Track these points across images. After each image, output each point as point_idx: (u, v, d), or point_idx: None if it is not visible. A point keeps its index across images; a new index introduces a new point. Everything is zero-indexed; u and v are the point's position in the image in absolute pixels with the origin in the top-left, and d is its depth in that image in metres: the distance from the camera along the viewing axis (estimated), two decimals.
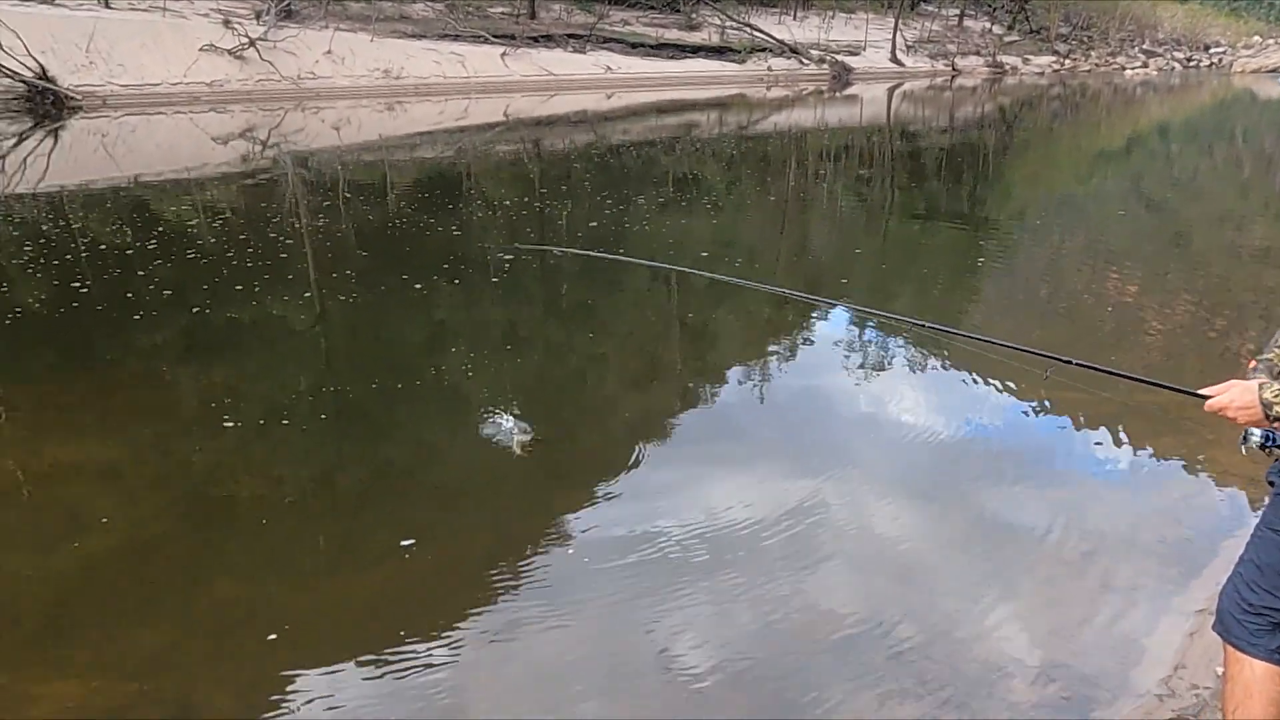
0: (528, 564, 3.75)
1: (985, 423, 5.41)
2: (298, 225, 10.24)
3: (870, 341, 7.14)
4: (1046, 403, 5.62)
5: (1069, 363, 2.12)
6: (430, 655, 3.17)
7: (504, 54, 32.70)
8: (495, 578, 3.66)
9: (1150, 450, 4.88)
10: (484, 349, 6.30)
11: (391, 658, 3.15)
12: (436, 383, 5.57)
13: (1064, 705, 2.90)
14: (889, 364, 6.55)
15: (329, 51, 25.47)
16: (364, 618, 3.45)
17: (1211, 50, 71.15)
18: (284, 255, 8.79)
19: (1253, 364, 2.14)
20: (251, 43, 23.30)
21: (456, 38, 31.57)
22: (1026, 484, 4.55)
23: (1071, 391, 5.81)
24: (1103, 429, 5.19)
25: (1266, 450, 2.01)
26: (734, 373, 6.32)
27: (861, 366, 6.50)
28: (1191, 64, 64.97)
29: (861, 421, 5.45)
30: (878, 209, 13.85)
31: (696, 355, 6.88)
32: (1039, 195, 15.29)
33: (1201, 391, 1.99)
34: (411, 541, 3.84)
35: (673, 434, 5.12)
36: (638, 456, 4.72)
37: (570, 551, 3.83)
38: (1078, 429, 5.27)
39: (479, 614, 3.41)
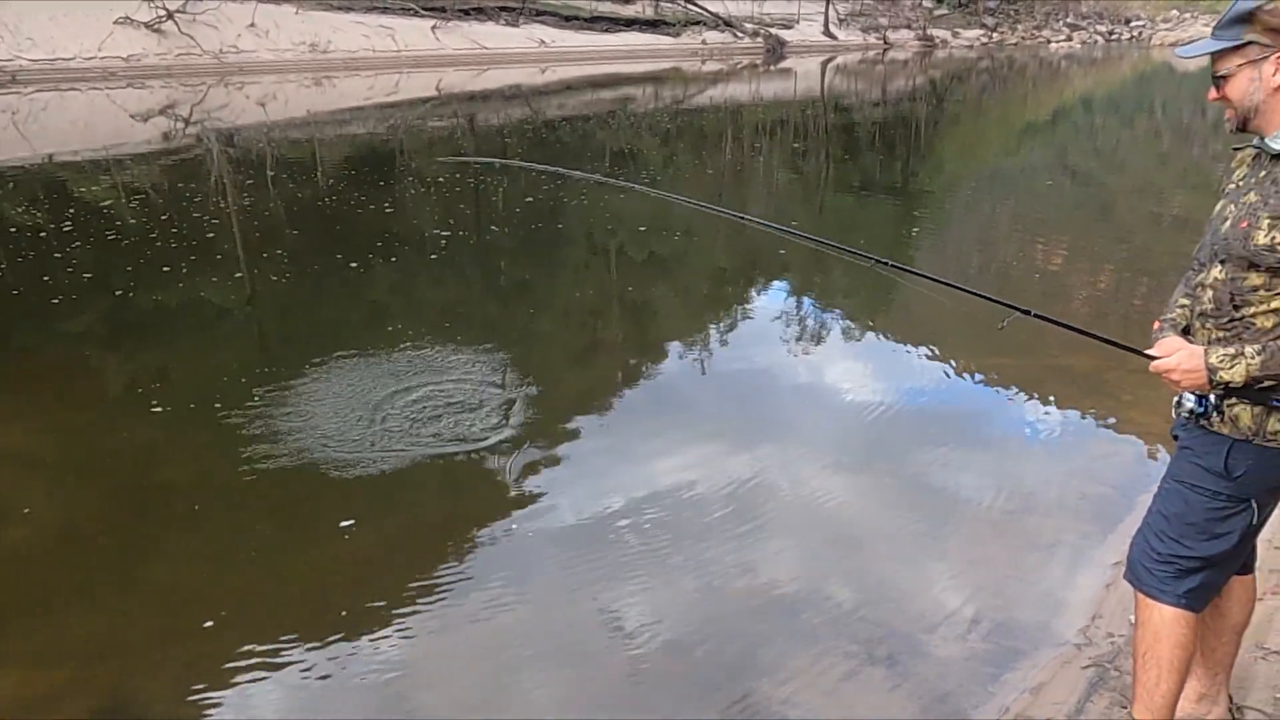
0: (471, 541, 3.72)
1: (919, 389, 5.51)
2: (224, 204, 9.94)
3: (808, 314, 7.22)
4: (977, 369, 5.75)
5: (1027, 313, 2.15)
6: (374, 634, 3.13)
7: (435, 27, 32.08)
8: (438, 556, 3.62)
9: (1073, 412, 5.04)
10: (422, 327, 6.21)
11: (334, 639, 3.10)
12: (372, 362, 5.47)
13: (989, 657, 2.99)
14: (826, 336, 6.63)
15: (252, 25, 24.67)
16: (304, 600, 3.39)
17: (1132, 24, 73.06)
18: (211, 235, 8.53)
19: (1157, 325, 2.21)
20: (169, 15, 22.46)
21: (385, 10, 30.83)
22: (957, 447, 4.66)
23: (999, 357, 5.97)
24: (1029, 392, 5.34)
25: (1197, 418, 2.06)
26: (674, 347, 6.34)
27: (800, 339, 6.56)
28: (1113, 37, 66.66)
29: (800, 391, 5.51)
30: (814, 182, 13.97)
31: (637, 330, 6.88)
32: (970, 167, 15.59)
33: (1149, 352, 2.02)
34: (351, 522, 3.78)
35: (615, 408, 5.12)
36: (580, 431, 4.71)
37: (514, 527, 3.81)
38: (1006, 393, 5.40)
39: (423, 592, 3.37)
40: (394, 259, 8.10)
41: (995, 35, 55.87)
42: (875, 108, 24.02)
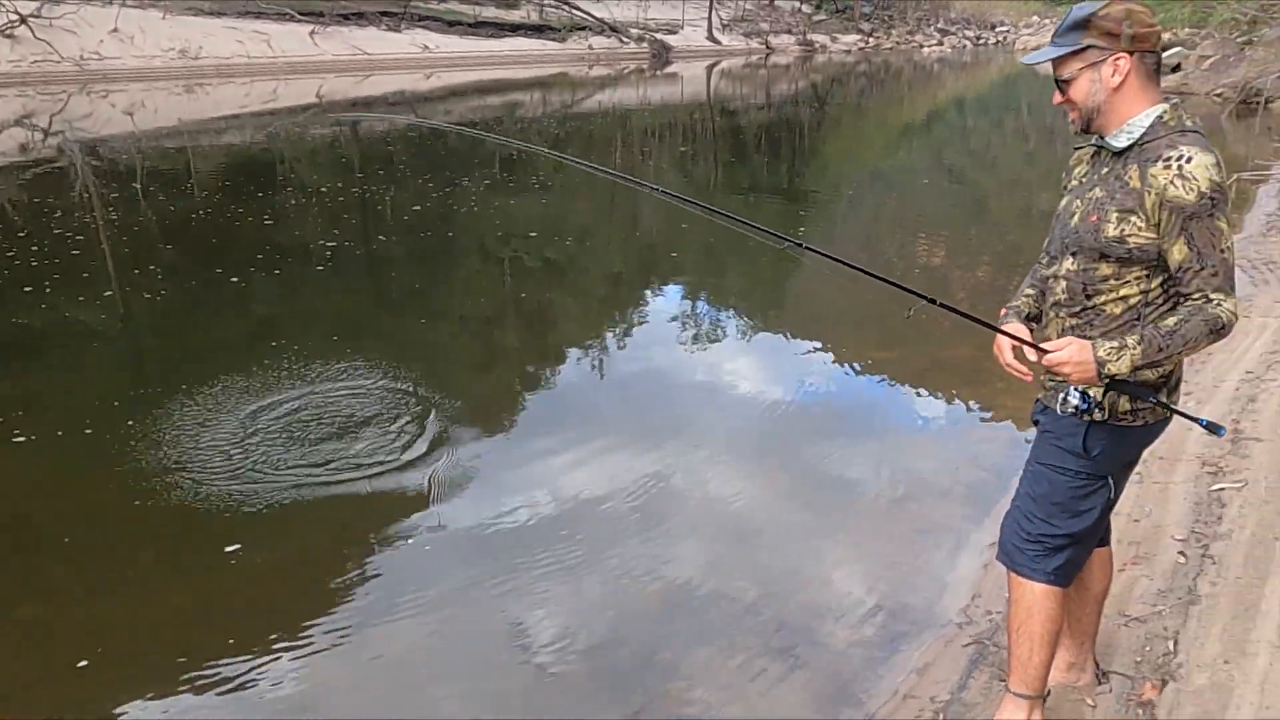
0: (367, 558, 3.61)
1: (812, 384, 5.65)
2: (91, 219, 9.40)
3: (704, 314, 7.30)
4: (864, 362, 5.93)
5: (932, 301, 2.21)
6: (268, 661, 3.00)
7: (313, 32, 31.16)
8: (335, 576, 3.50)
9: (953, 401, 5.25)
10: (310, 342, 6.01)
11: (224, 669, 2.96)
12: (257, 379, 5.26)
13: (879, 641, 3.08)
14: (723, 335, 6.72)
15: (115, 29, 23.43)
16: (189, 631, 3.22)
17: (997, 29, 76.66)
18: (77, 252, 8.05)
19: (1003, 311, 2.31)
20: (23, 19, 21.14)
21: (260, 15, 29.78)
22: (848, 439, 4.80)
23: (885, 350, 6.18)
24: (913, 384, 5.53)
25: (1080, 414, 2.13)
26: (573, 352, 6.32)
27: (697, 339, 6.63)
28: (980, 42, 69.87)
29: (699, 391, 5.56)
30: (703, 185, 14.15)
31: (535, 337, 6.83)
32: (853, 168, 16.08)
33: (1044, 346, 2.08)
34: (236, 547, 3.62)
35: (515, 416, 5.06)
36: (480, 441, 4.64)
37: (414, 541, 3.71)
38: (892, 385, 5.59)
39: (320, 614, 3.25)
40: (277, 272, 7.81)
41: (871, 40, 57.80)
42: (760, 111, 24.53)
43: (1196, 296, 2.00)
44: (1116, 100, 2.02)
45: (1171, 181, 1.92)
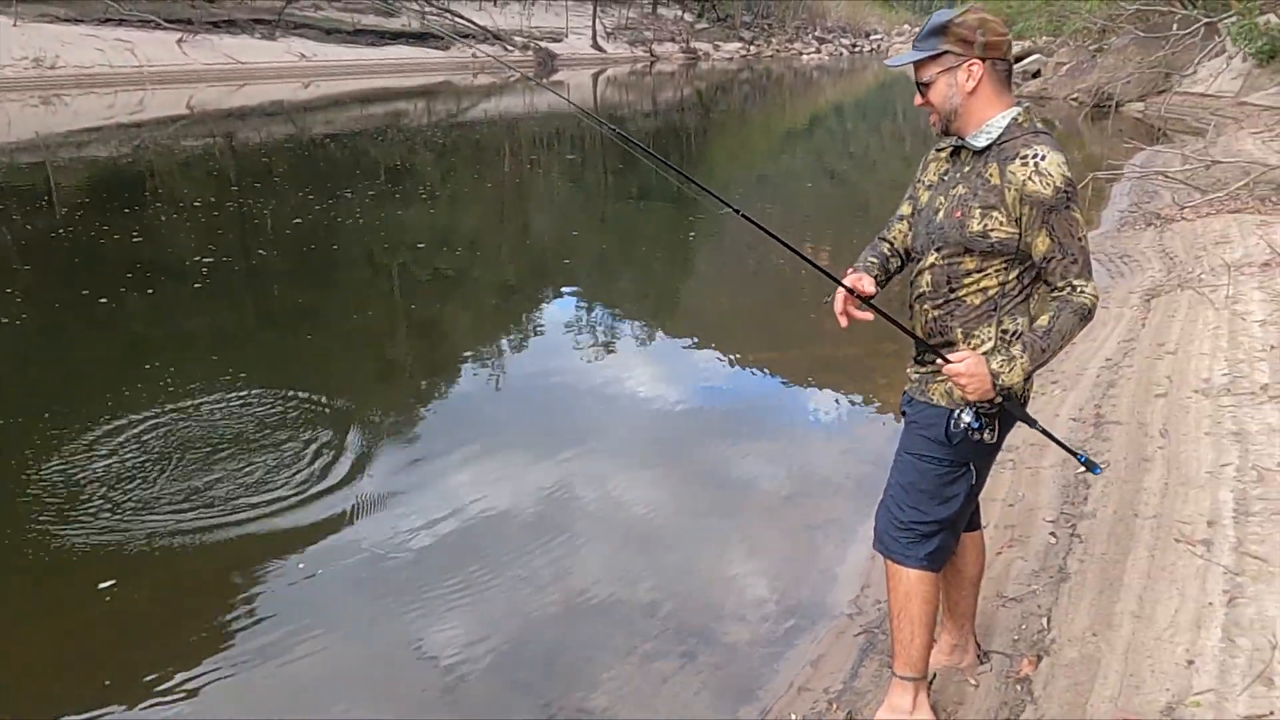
0: (256, 589, 3.48)
1: (704, 387, 5.74)
2: None
3: (598, 321, 7.33)
4: (757, 363, 6.07)
5: (850, 292, 2.26)
6: (148, 702, 2.87)
7: (181, 41, 29.91)
8: (222, 607, 3.37)
9: (840, 398, 5.43)
10: (188, 363, 5.76)
11: (98, 714, 2.81)
12: (133, 405, 5.01)
13: (774, 637, 3.16)
14: (617, 341, 6.76)
15: None
16: (58, 673, 3.04)
17: (871, 37, 79.46)
18: None
19: (849, 271, 2.38)
20: None
21: (122, 22, 28.38)
22: (740, 439, 4.89)
23: (775, 351, 6.33)
24: (803, 382, 5.70)
25: (974, 434, 2.19)
26: (467, 364, 6.24)
27: (593, 345, 6.65)
28: (856, 49, 72.34)
29: (596, 398, 5.58)
30: (593, 192, 14.20)
31: (428, 349, 6.71)
32: (739, 172, 16.41)
33: (950, 356, 2.15)
34: (111, 583, 3.44)
35: (409, 432, 4.96)
36: (374, 459, 4.52)
37: (308, 568, 3.60)
38: (781, 385, 5.74)
39: (206, 647, 3.12)
40: (150, 291, 7.46)
41: (753, 48, 59.12)
42: (648, 118, 24.78)
43: (1062, 285, 2.12)
44: (972, 103, 2.13)
45: (1030, 178, 2.04)
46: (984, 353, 2.17)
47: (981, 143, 2.15)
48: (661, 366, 6.17)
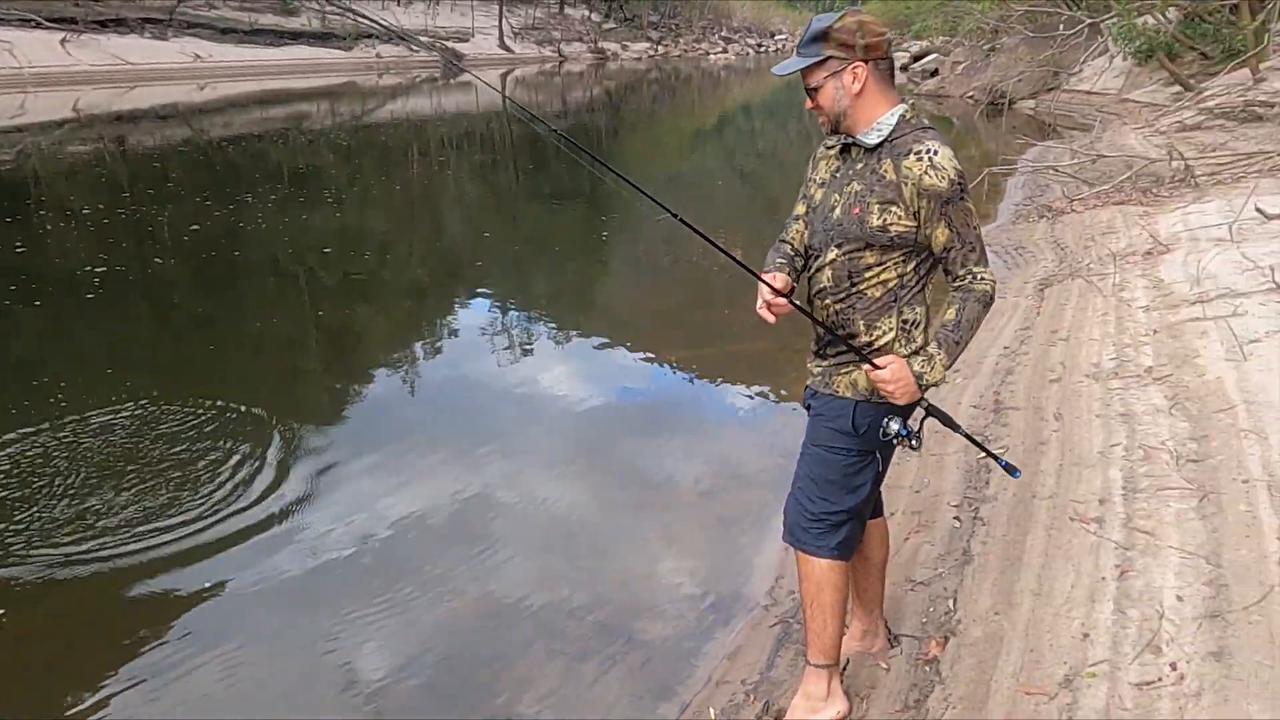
0: (170, 610, 3.34)
1: (621, 385, 5.77)
2: None
3: (513, 323, 7.28)
4: (672, 360, 6.12)
5: (787, 296, 2.28)
6: None
7: (64, 41, 28.57)
8: (127, 631, 3.23)
9: (752, 393, 5.52)
10: (80, 378, 5.51)
11: None
12: (21, 425, 4.76)
13: (693, 632, 3.20)
14: (534, 342, 6.73)
15: None
16: None
17: (776, 37, 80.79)
18: None
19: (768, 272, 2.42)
20: None
21: (1, 22, 26.92)
22: (657, 436, 4.94)
23: (690, 349, 6.39)
24: (716, 378, 5.77)
25: (901, 442, 2.26)
26: (381, 370, 6.12)
27: (509, 347, 6.61)
28: (762, 49, 73.51)
29: (515, 400, 5.54)
30: (504, 193, 14.10)
31: (339, 356, 6.56)
32: (650, 171, 16.47)
33: (877, 361, 2.19)
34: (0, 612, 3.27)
35: (324, 441, 4.82)
36: (289, 471, 4.38)
37: (220, 587, 3.48)
38: (696, 381, 5.80)
39: (109, 674, 2.99)
40: (37, 303, 7.11)
41: (660, 48, 59.49)
42: (558, 119, 24.69)
43: (963, 274, 2.21)
44: (860, 104, 2.18)
45: (926, 172, 2.11)
46: (885, 343, 2.24)
47: (873, 140, 2.20)
48: (577, 366, 6.17)
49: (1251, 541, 2.65)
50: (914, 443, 2.27)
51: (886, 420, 2.27)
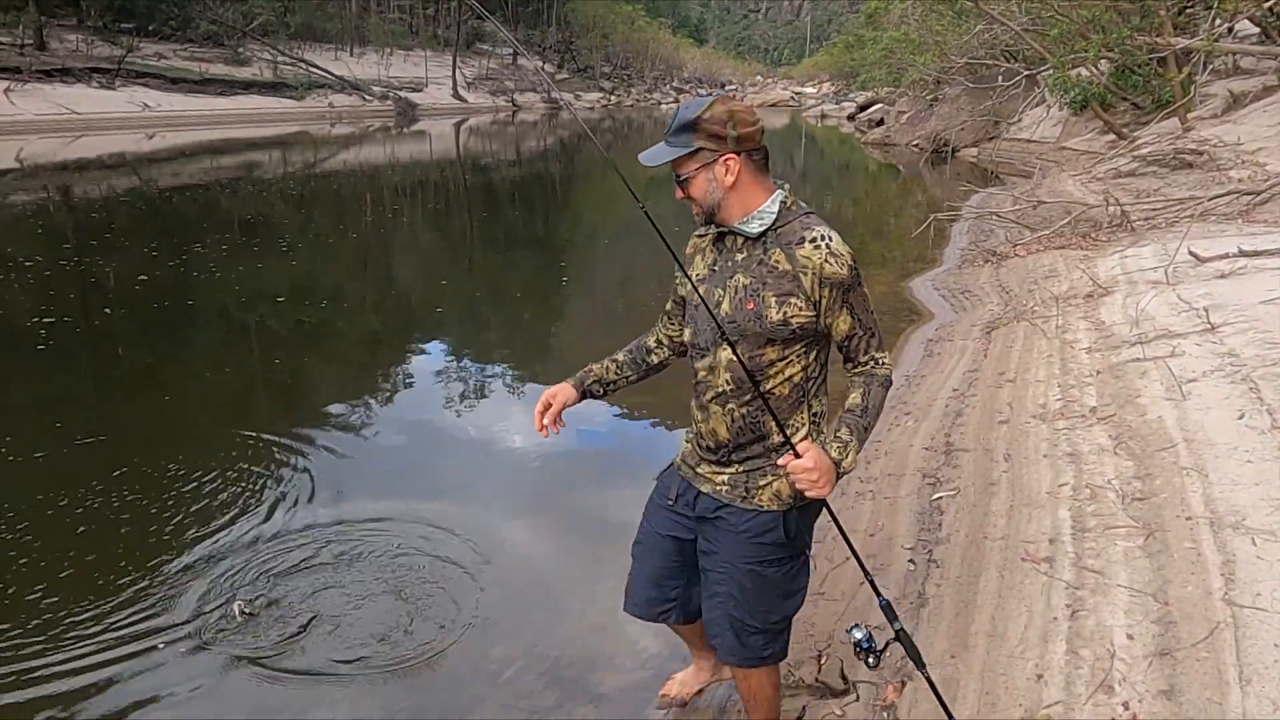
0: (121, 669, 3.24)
1: (580, 430, 5.74)
2: None
3: (471, 370, 7.24)
4: (628, 406, 6.12)
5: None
6: None
7: (8, 90, 28.19)
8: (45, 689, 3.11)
9: None
10: (25, 433, 5.35)
11: None
12: None
13: (647, 684, 3.15)
14: (490, 389, 6.69)
15: None
16: None
17: (726, 87, 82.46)
18: None
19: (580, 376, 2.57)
20: None
21: None
22: (616, 483, 4.92)
23: (646, 394, 6.39)
24: (670, 424, 5.78)
25: (860, 655, 2.15)
26: (334, 419, 6.03)
27: (465, 396, 6.56)
28: None
29: (470, 449, 5.51)
30: (460, 241, 14.10)
31: (289, 405, 6.45)
32: (606, 218, 16.62)
33: (797, 448, 2.05)
34: None
35: (271, 494, 4.73)
36: (231, 514, 4.30)
37: (162, 645, 3.37)
38: (656, 425, 5.81)
39: None
40: None
41: (613, 98, 60.37)
42: (512, 167, 24.87)
43: (865, 360, 2.16)
44: (734, 195, 2.08)
45: (826, 260, 2.04)
46: (801, 439, 2.13)
47: (755, 229, 2.10)
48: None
49: (1197, 578, 2.71)
50: (871, 660, 2.16)
51: (850, 629, 2.18)
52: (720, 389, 2.18)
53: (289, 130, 34.05)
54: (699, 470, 2.31)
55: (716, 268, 2.19)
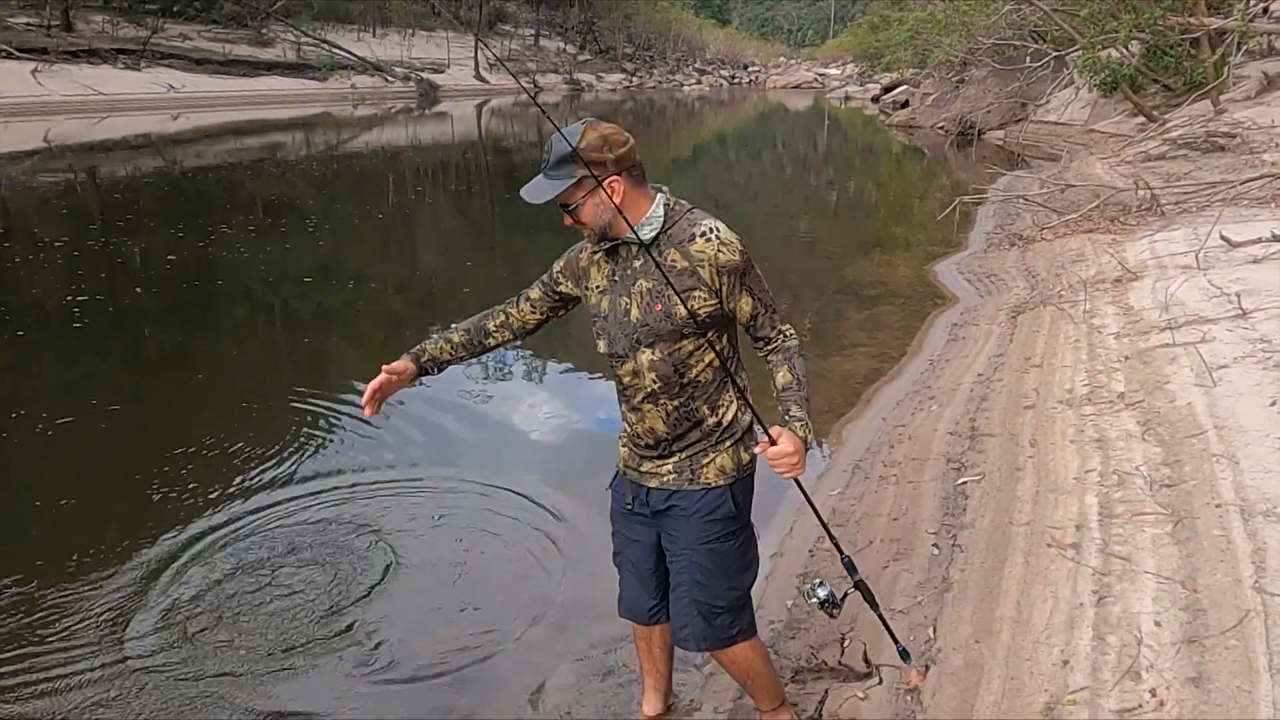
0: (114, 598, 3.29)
1: (604, 418, 5.73)
2: None
3: (495, 352, 7.23)
4: None
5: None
6: None
7: (36, 71, 28.42)
8: None
9: None
10: (70, 407, 5.43)
11: None
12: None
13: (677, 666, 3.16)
14: (514, 372, 6.70)
15: None
16: None
17: (749, 68, 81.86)
18: None
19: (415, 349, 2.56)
20: None
21: None
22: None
23: None
24: None
25: (825, 608, 2.39)
26: (356, 397, 6.06)
27: (489, 377, 6.57)
28: (735, 81, 74.41)
29: (495, 430, 5.51)
30: (482, 222, 14.12)
31: (315, 384, 6.49)
32: None
33: (771, 433, 2.14)
34: None
35: (300, 468, 4.77)
36: (253, 492, 4.35)
37: (165, 602, 3.42)
38: None
39: None
40: (22, 332, 7.04)
41: (635, 79, 60.06)
42: (533, 148, 24.81)
43: (773, 335, 2.29)
44: (622, 211, 2.17)
45: (719, 250, 2.15)
46: (731, 417, 2.30)
47: (649, 235, 2.19)
48: (560, 396, 6.14)
49: (1226, 566, 2.68)
50: (835, 611, 2.40)
51: (814, 584, 2.39)
52: (649, 389, 2.28)
53: (312, 111, 34.16)
54: (642, 469, 2.40)
55: (617, 278, 2.28)
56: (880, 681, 2.72)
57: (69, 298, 7.93)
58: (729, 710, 2.85)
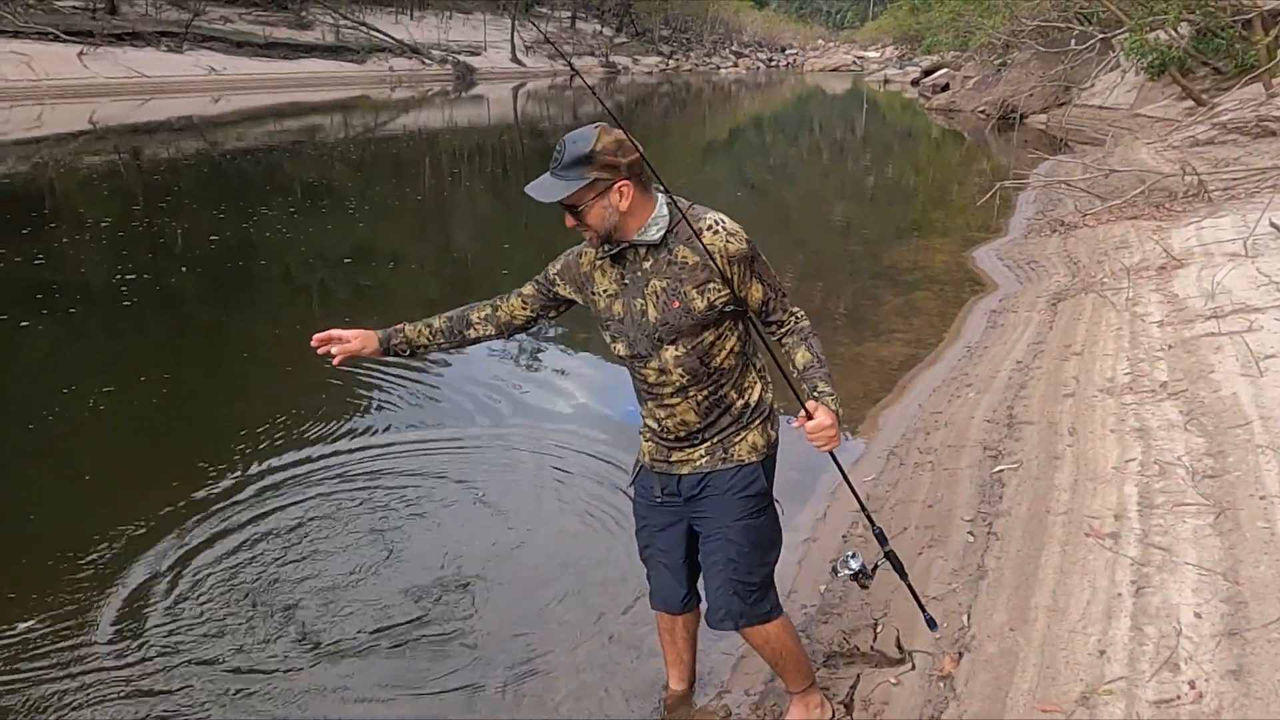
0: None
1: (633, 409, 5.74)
2: None
3: (530, 335, 7.27)
4: None
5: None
6: None
7: (82, 54, 28.89)
8: None
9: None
10: (108, 385, 5.56)
11: None
12: (46, 437, 4.80)
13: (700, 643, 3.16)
14: (542, 359, 6.73)
15: None
16: None
17: (787, 51, 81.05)
18: None
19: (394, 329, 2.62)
20: None
21: (18, 34, 27.28)
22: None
23: None
24: None
25: (857, 579, 2.45)
26: (391, 386, 6.13)
27: (517, 362, 6.61)
28: (772, 64, 73.74)
29: (528, 413, 5.53)
30: (518, 205, 14.15)
31: (356, 365, 6.56)
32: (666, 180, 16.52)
33: (808, 408, 2.19)
34: None
35: (314, 443, 4.85)
36: (279, 475, 4.43)
37: (225, 555, 3.50)
38: None
39: None
40: (73, 310, 7.22)
41: (671, 62, 59.75)
42: (569, 131, 24.80)
43: (785, 319, 2.34)
44: (629, 216, 2.19)
45: (727, 241, 2.19)
46: (757, 397, 2.37)
47: (656, 235, 2.22)
48: (593, 380, 6.16)
49: (1270, 558, 2.64)
50: (867, 581, 2.47)
51: (848, 556, 2.46)
52: (678, 383, 2.31)
53: (350, 94, 34.39)
54: (672, 459, 2.42)
55: (627, 281, 2.30)
56: (913, 667, 2.72)
57: (117, 277, 8.10)
58: (760, 693, 2.87)
